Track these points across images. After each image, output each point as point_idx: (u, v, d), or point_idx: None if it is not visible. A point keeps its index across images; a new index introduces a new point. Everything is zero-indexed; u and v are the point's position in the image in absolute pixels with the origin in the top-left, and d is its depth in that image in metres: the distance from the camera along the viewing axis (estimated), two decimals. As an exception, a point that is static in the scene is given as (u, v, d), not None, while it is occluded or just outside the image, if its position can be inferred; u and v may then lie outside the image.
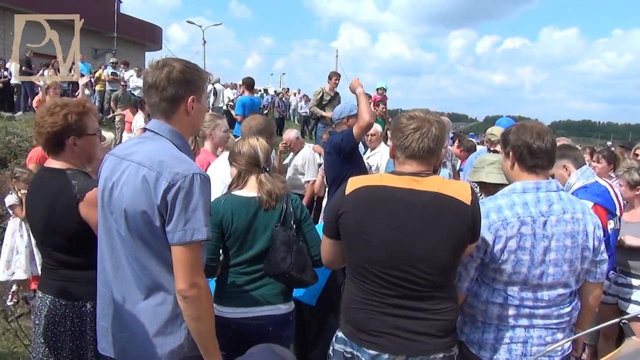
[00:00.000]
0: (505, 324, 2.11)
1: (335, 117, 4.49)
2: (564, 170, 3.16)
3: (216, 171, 3.16)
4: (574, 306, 2.17)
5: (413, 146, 1.92)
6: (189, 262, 1.68)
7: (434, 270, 1.86)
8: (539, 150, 2.11)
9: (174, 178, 1.65)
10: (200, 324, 1.74)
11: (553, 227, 2.04)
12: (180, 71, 1.77)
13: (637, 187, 3.52)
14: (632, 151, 5.58)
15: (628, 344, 1.62)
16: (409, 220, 1.86)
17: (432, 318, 1.88)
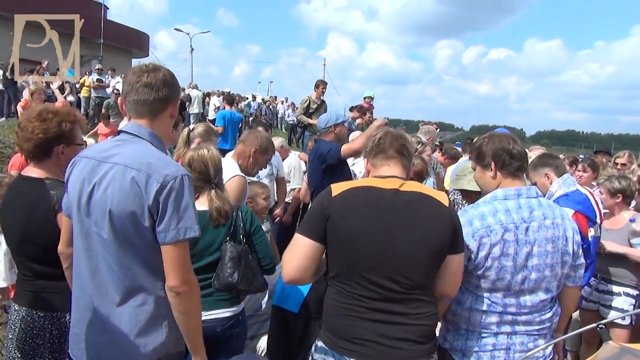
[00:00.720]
0: (488, 331, 2.12)
1: (321, 125, 4.51)
2: (545, 179, 3.21)
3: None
4: (554, 311, 2.19)
5: (386, 146, 2.05)
6: (181, 259, 1.73)
7: (415, 270, 1.87)
8: (519, 153, 2.18)
9: (164, 179, 1.68)
10: (190, 319, 1.79)
11: (535, 233, 2.07)
12: (172, 75, 1.84)
13: (618, 195, 3.58)
14: (612, 160, 5.69)
15: (605, 349, 1.65)
16: (393, 220, 1.88)
17: (413, 323, 1.88)
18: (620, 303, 3.53)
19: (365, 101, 9.75)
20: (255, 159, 3.21)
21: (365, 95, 9.91)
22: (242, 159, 3.19)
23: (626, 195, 3.60)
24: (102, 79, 14.09)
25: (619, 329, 3.45)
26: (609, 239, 3.54)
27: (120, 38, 27.42)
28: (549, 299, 2.16)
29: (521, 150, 2.19)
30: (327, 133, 4.43)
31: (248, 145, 3.21)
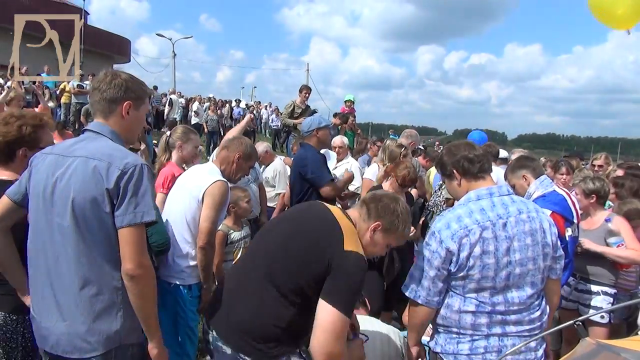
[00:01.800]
0: (479, 333, 2.15)
1: (305, 129, 4.54)
2: (523, 180, 3.28)
3: (185, 185, 3.11)
4: (543, 309, 2.23)
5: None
6: (137, 242, 1.83)
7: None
8: (476, 157, 2.29)
9: (125, 166, 1.83)
10: (145, 302, 1.89)
11: (513, 228, 2.14)
12: (123, 79, 1.99)
13: (592, 196, 3.67)
14: (590, 162, 5.84)
15: (582, 345, 1.69)
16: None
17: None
18: (599, 302, 3.60)
19: (346, 105, 9.81)
20: (239, 165, 3.21)
21: (345, 99, 9.98)
22: (225, 165, 3.19)
23: (600, 195, 3.69)
24: (82, 85, 13.91)
25: (598, 327, 3.53)
26: (587, 239, 3.62)
27: (101, 44, 27.13)
28: (536, 294, 2.20)
29: (479, 153, 2.31)
30: (310, 136, 4.47)
31: (232, 151, 3.21)
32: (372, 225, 2.14)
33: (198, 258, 2.94)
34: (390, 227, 2.16)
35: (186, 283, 2.97)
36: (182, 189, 3.07)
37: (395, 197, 2.26)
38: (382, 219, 2.15)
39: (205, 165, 3.30)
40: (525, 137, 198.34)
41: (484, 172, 2.30)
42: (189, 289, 2.98)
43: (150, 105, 10.94)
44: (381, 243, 2.19)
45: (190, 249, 2.96)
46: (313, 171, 4.20)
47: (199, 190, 2.94)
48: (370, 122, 65.12)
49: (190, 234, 2.95)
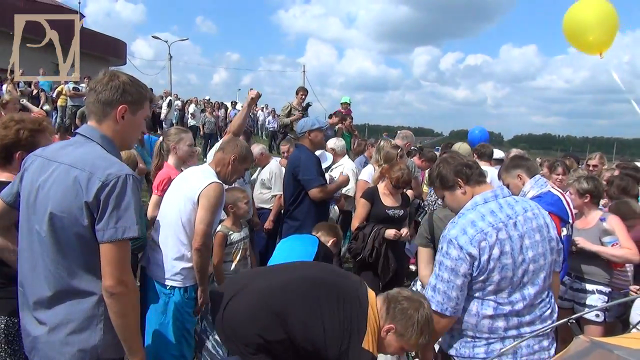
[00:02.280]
0: (495, 336, 2.17)
1: (298, 130, 4.61)
2: (518, 180, 3.30)
3: (180, 186, 3.11)
4: (552, 307, 2.28)
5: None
6: (118, 259, 1.75)
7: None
8: (473, 162, 2.38)
9: (107, 178, 1.73)
10: (125, 321, 1.81)
11: (523, 226, 2.18)
12: (122, 81, 1.89)
13: (586, 195, 3.69)
14: (585, 162, 5.89)
15: (576, 343, 1.70)
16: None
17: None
18: (593, 301, 3.63)
19: (342, 107, 9.84)
20: (234, 167, 3.22)
21: (342, 101, 10.01)
22: (220, 167, 3.19)
23: (594, 195, 3.71)
24: (78, 87, 13.86)
25: (593, 326, 3.55)
26: (581, 238, 3.64)
27: (97, 46, 27.04)
28: (546, 290, 2.26)
29: (472, 159, 2.42)
30: (303, 138, 4.53)
31: (227, 153, 3.22)
32: (386, 327, 2.15)
33: (194, 260, 2.94)
34: (404, 334, 2.14)
35: (182, 285, 2.96)
36: (178, 190, 3.06)
37: (418, 303, 2.16)
38: (397, 323, 2.14)
39: (201, 167, 3.30)
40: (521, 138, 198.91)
41: (483, 175, 2.35)
42: (185, 291, 2.97)
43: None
44: (395, 346, 2.19)
45: (185, 250, 2.95)
46: (304, 173, 4.25)
47: (194, 192, 2.93)
48: (367, 124, 65.23)
49: (185, 236, 2.95)
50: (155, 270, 2.97)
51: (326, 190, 4.37)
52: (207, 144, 16.04)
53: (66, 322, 1.80)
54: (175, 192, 3.09)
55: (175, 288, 2.94)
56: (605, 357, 1.57)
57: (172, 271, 2.94)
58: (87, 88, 13.45)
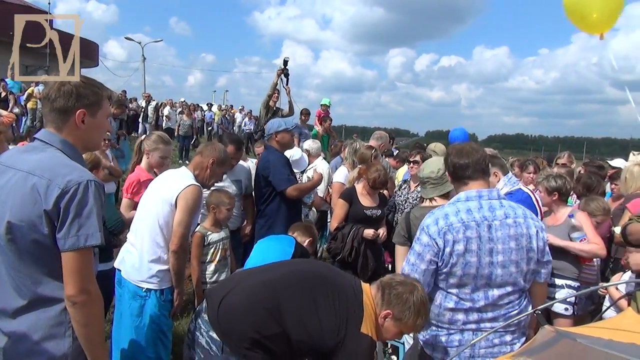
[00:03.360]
0: (455, 328, 2.27)
1: (266, 132, 4.70)
2: (494, 177, 3.41)
3: (158, 189, 3.11)
4: (522, 309, 2.30)
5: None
6: (81, 268, 1.70)
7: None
8: (468, 164, 2.40)
9: (67, 185, 1.67)
10: (88, 330, 1.76)
11: (497, 231, 2.23)
12: (74, 85, 1.82)
13: (554, 193, 3.81)
14: (554, 160, 6.08)
15: (542, 333, 1.77)
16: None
17: None
18: (563, 295, 3.73)
19: (322, 108, 9.90)
20: (213, 170, 3.24)
21: (321, 103, 10.07)
22: (198, 170, 3.21)
23: (562, 193, 3.83)
24: (49, 89, 13.57)
25: (563, 319, 3.65)
26: (551, 235, 3.76)
27: (68, 47, 26.48)
28: (517, 294, 2.28)
29: (464, 162, 2.42)
30: (270, 139, 4.61)
31: (205, 156, 3.23)
32: (383, 313, 2.20)
33: (170, 262, 2.94)
34: (401, 318, 2.18)
35: (158, 287, 2.96)
36: (155, 192, 3.06)
37: (412, 286, 2.22)
38: (393, 308, 2.19)
39: (179, 170, 3.30)
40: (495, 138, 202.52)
41: (467, 178, 2.40)
42: (161, 293, 2.97)
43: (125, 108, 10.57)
44: (393, 331, 2.24)
45: (162, 253, 2.95)
46: (274, 173, 4.31)
47: (171, 194, 2.94)
48: (344, 125, 65.49)
49: (162, 238, 2.95)
50: (131, 272, 2.96)
51: (300, 189, 4.45)
52: (183, 146, 15.90)
53: (33, 331, 1.75)
54: (152, 194, 3.08)
55: (152, 290, 2.94)
56: (569, 346, 1.64)
57: (149, 273, 2.93)
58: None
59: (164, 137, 4.14)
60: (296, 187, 4.37)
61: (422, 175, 3.33)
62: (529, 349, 1.69)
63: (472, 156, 2.40)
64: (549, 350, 1.64)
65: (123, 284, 3.01)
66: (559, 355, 1.61)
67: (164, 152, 3.97)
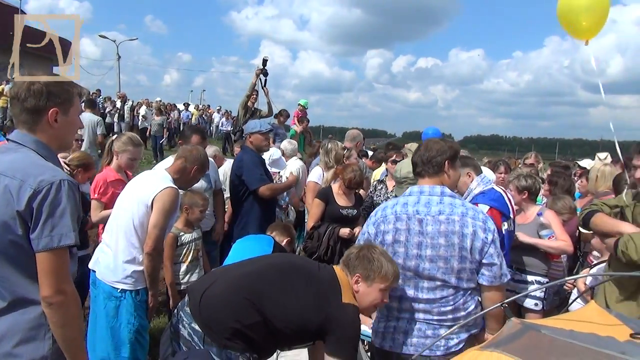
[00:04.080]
0: (392, 315, 2.38)
1: (244, 132, 4.84)
2: (467, 177, 3.50)
3: (134, 190, 3.10)
4: (458, 307, 2.35)
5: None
6: (55, 268, 1.70)
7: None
8: (417, 161, 2.50)
9: (39, 185, 1.67)
10: (65, 331, 1.75)
11: (428, 226, 2.31)
12: (44, 84, 1.79)
13: (524, 192, 3.94)
14: (522, 160, 6.32)
15: (508, 325, 1.84)
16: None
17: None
18: (532, 290, 3.87)
19: (299, 109, 9.93)
20: (194, 176, 3.27)
21: (299, 104, 10.10)
22: (179, 174, 3.19)
23: (531, 192, 3.96)
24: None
25: (533, 314, 3.78)
26: (521, 232, 3.88)
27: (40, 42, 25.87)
28: (451, 293, 2.33)
29: (418, 159, 2.51)
30: (246, 140, 4.72)
31: (190, 162, 3.23)
32: (353, 279, 2.29)
33: (144, 264, 2.94)
34: (369, 274, 2.27)
35: (133, 288, 2.95)
36: (131, 193, 3.04)
37: (367, 246, 2.36)
38: (360, 270, 2.28)
39: (157, 171, 3.29)
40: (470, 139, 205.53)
41: (419, 175, 2.50)
42: (136, 294, 2.96)
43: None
44: (372, 292, 2.29)
45: (137, 254, 2.95)
46: (247, 173, 4.38)
47: (148, 196, 2.93)
48: (322, 126, 65.58)
49: (137, 239, 2.94)
50: (106, 273, 2.95)
51: (273, 188, 4.52)
52: (156, 146, 15.75)
53: (12, 334, 1.72)
54: (129, 195, 3.07)
55: (127, 291, 2.93)
56: (535, 337, 1.71)
57: (124, 274, 2.92)
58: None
59: (135, 138, 4.12)
60: (269, 187, 4.42)
61: (400, 176, 3.42)
62: (496, 341, 1.74)
63: (424, 154, 2.47)
64: (516, 342, 1.70)
65: (98, 285, 2.98)
66: (524, 346, 1.67)
67: (133, 154, 3.95)
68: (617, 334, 1.77)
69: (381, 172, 5.81)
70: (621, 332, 1.80)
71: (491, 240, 2.33)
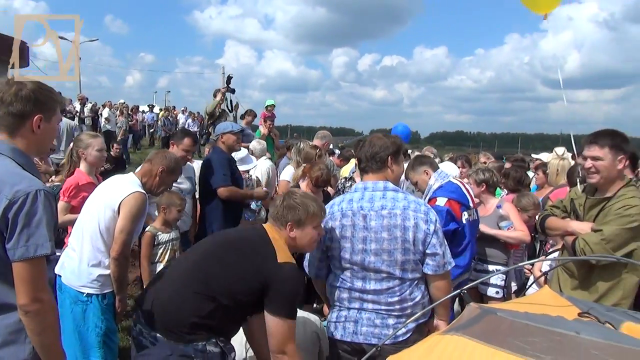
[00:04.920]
0: (342, 306, 2.46)
1: (215, 132, 4.87)
2: (425, 175, 3.63)
3: (102, 194, 3.08)
4: (404, 297, 2.43)
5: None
6: (31, 277, 1.71)
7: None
8: (362, 157, 2.59)
9: (14, 195, 1.68)
10: (43, 338, 1.77)
11: (372, 221, 2.40)
12: (31, 90, 1.82)
13: (482, 185, 4.12)
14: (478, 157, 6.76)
15: (468, 310, 1.93)
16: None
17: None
18: (494, 279, 4.04)
19: (267, 109, 9.92)
20: (162, 178, 3.23)
21: (266, 104, 10.09)
22: (147, 178, 3.18)
23: (489, 184, 4.15)
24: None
25: (494, 302, 3.95)
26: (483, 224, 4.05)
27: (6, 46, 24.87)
28: (396, 282, 2.42)
29: (361, 154, 2.60)
30: (217, 141, 4.77)
31: (155, 164, 3.22)
32: (287, 229, 2.37)
33: (111, 269, 2.91)
34: (300, 218, 2.37)
35: (100, 292, 2.93)
36: (99, 197, 3.01)
37: (287, 193, 2.49)
38: (289, 218, 2.38)
39: (126, 175, 3.27)
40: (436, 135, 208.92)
41: (363, 171, 2.60)
42: (103, 298, 2.94)
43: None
44: (307, 233, 2.38)
45: (103, 257, 2.93)
46: (213, 173, 4.44)
47: (115, 200, 2.91)
48: (289, 125, 65.46)
49: (103, 243, 2.92)
50: (71, 277, 2.92)
51: (233, 191, 4.52)
52: (122, 148, 15.47)
53: None
54: (96, 199, 3.04)
55: (93, 295, 2.91)
56: (492, 320, 1.82)
57: (89, 278, 2.90)
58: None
59: (90, 132, 4.13)
60: (229, 189, 4.46)
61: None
62: (457, 326, 1.84)
63: (368, 150, 2.55)
64: (475, 326, 1.79)
65: (64, 290, 2.94)
66: (483, 329, 1.76)
67: (98, 145, 3.90)
68: (566, 313, 1.91)
69: (349, 170, 5.92)
70: (570, 312, 1.95)
71: (433, 231, 2.41)
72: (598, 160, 2.71)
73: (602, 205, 2.78)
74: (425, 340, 1.86)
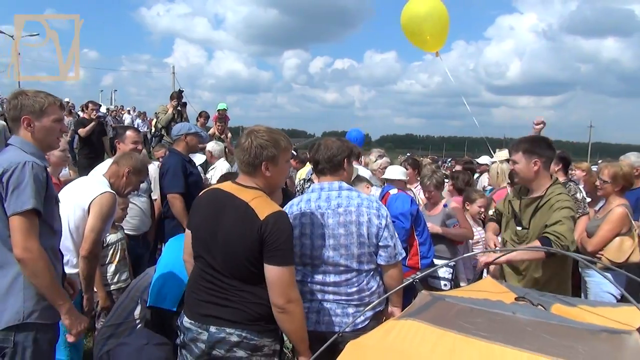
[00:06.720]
0: (305, 299, 2.58)
1: (174, 133, 4.77)
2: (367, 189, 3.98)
3: (71, 194, 3.10)
4: (361, 287, 2.62)
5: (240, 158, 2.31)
6: (22, 229, 2.14)
7: (229, 261, 2.23)
8: (319, 159, 2.72)
9: (9, 165, 2.16)
10: (39, 280, 2.20)
11: (329, 218, 2.59)
12: (19, 100, 2.30)
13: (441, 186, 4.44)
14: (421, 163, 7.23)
15: (420, 297, 2.15)
16: (219, 217, 2.25)
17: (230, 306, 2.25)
18: (442, 272, 4.33)
19: (220, 113, 9.87)
20: (129, 179, 3.29)
21: (218, 109, 9.99)
22: (114, 178, 3.25)
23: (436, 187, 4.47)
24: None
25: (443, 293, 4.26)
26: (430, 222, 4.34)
27: None
28: (354, 276, 2.61)
29: (317, 157, 2.73)
30: (178, 141, 4.70)
31: (122, 165, 3.27)
32: (262, 169, 2.26)
33: (80, 267, 2.94)
34: (274, 154, 2.26)
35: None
36: (68, 197, 3.03)
37: (251, 133, 2.28)
38: (263, 157, 2.24)
39: (95, 176, 3.30)
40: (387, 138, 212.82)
41: (319, 172, 2.76)
42: (70, 296, 2.97)
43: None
44: (280, 168, 2.32)
45: (71, 257, 2.96)
46: (168, 178, 4.43)
47: (85, 200, 2.96)
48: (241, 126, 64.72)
49: (72, 242, 2.95)
50: None
51: (178, 207, 4.39)
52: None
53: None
54: (65, 199, 3.04)
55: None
56: (442, 305, 2.03)
57: None
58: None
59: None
60: (179, 199, 4.37)
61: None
62: (410, 312, 2.03)
63: (325, 153, 2.70)
64: (427, 311, 2.00)
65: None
66: (434, 314, 1.96)
67: (61, 145, 3.90)
68: (504, 298, 2.18)
69: (306, 172, 6.09)
70: (508, 297, 2.22)
71: (385, 225, 2.60)
72: (515, 164, 3.21)
73: (537, 203, 3.14)
74: (382, 326, 2.05)
